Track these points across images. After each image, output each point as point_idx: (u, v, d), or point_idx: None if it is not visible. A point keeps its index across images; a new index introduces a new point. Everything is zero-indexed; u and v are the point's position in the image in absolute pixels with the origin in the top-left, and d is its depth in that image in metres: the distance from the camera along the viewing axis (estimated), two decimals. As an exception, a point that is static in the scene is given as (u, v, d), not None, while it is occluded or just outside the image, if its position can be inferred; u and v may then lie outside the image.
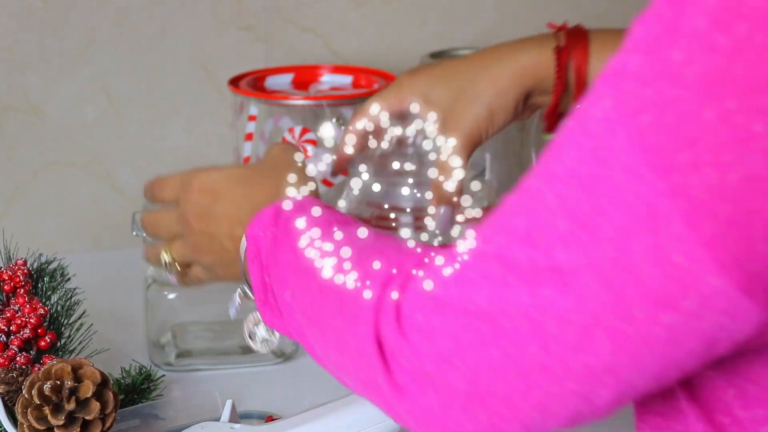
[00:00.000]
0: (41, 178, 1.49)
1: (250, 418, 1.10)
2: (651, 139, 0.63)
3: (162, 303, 1.23)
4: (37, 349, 1.08)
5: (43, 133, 1.48)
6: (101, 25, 1.47)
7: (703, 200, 0.62)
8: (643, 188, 0.63)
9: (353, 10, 1.54)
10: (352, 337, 0.79)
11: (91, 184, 1.50)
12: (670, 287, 0.64)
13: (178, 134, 1.52)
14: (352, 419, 1.00)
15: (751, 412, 0.73)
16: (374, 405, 0.82)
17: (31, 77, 1.46)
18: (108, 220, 1.51)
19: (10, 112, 1.47)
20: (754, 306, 0.64)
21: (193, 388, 1.16)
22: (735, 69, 0.60)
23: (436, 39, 1.57)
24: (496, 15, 1.59)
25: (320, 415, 1.00)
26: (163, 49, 1.49)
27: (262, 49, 1.52)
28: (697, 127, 0.61)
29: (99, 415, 0.97)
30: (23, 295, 1.12)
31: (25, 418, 0.96)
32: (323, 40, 1.54)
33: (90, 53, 1.47)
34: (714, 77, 0.61)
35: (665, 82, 0.62)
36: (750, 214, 0.62)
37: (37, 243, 1.42)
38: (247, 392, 1.16)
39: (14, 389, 1.01)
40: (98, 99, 1.49)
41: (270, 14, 1.52)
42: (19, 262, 1.20)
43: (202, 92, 1.51)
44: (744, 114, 0.60)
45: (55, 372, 0.97)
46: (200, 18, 1.50)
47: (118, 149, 1.51)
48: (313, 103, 1.36)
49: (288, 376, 1.22)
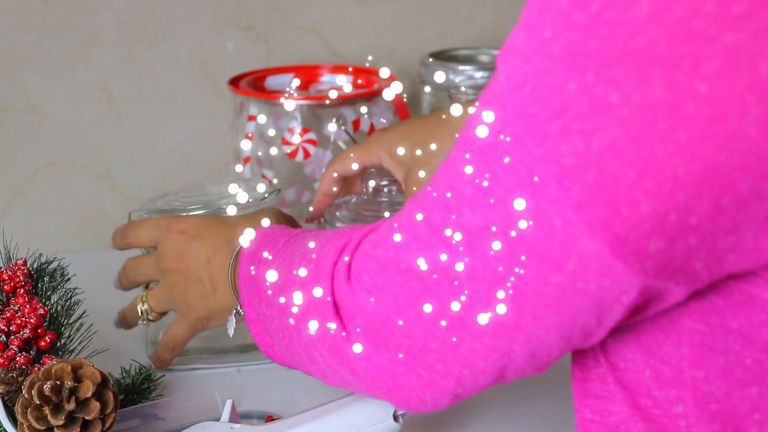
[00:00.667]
0: (41, 178, 1.49)
1: (250, 418, 1.10)
2: (529, 110, 0.68)
3: None
4: (37, 349, 1.08)
5: (42, 133, 1.48)
6: (101, 25, 1.47)
7: (571, 166, 0.67)
8: (524, 155, 0.69)
9: (353, 10, 1.54)
10: (309, 297, 0.86)
11: (90, 184, 1.50)
12: (554, 249, 0.70)
13: (178, 134, 1.52)
14: (352, 419, 1.00)
15: (665, 393, 0.77)
16: (348, 381, 0.88)
17: (31, 77, 1.46)
18: (108, 220, 1.51)
19: (10, 112, 1.47)
20: (629, 269, 0.69)
21: (193, 388, 1.16)
22: (591, 43, 0.66)
23: (436, 39, 1.57)
24: (496, 15, 1.59)
25: (320, 415, 1.00)
26: (163, 49, 1.49)
27: (262, 49, 1.52)
28: (564, 98, 0.67)
29: (99, 415, 0.97)
30: (23, 295, 1.12)
31: (25, 418, 0.96)
32: (323, 40, 1.54)
33: (90, 53, 1.47)
34: (575, 51, 0.66)
35: (539, 57, 0.68)
36: (612, 178, 0.67)
37: (37, 243, 1.42)
38: (247, 392, 1.16)
39: (14, 389, 1.01)
40: (98, 99, 1.49)
41: (270, 14, 1.52)
42: (19, 262, 1.20)
43: (202, 92, 1.51)
44: (602, 86, 0.66)
45: (55, 372, 0.97)
46: (200, 18, 1.50)
47: (118, 149, 1.51)
48: (313, 103, 1.36)
49: (288, 376, 1.22)
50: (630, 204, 0.67)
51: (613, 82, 0.65)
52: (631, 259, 0.68)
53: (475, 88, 1.35)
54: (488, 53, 1.52)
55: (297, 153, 1.35)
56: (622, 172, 0.66)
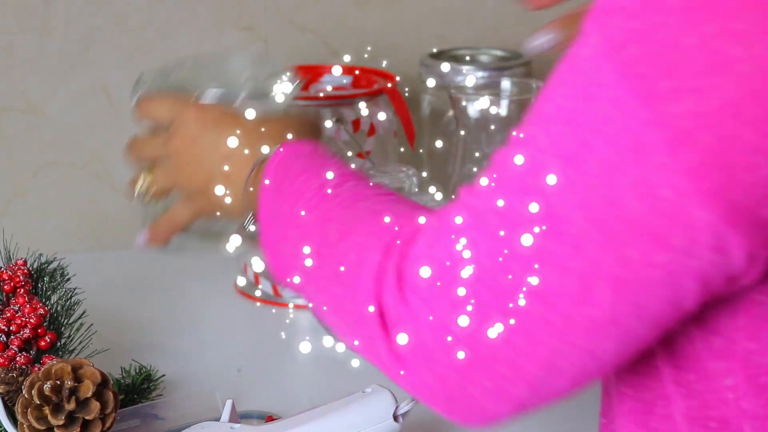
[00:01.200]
0: (41, 178, 1.49)
1: (250, 418, 1.10)
2: (635, 69, 0.63)
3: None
4: (37, 349, 1.08)
5: (42, 133, 1.48)
6: (101, 25, 1.47)
7: (683, 128, 0.62)
8: (627, 118, 0.64)
9: (353, 10, 1.54)
10: (350, 302, 0.78)
11: (91, 184, 1.50)
12: (659, 223, 0.64)
13: (178, 134, 1.52)
14: (353, 419, 1.00)
15: (716, 364, 0.72)
16: (376, 367, 0.79)
17: (31, 77, 1.46)
18: (108, 220, 1.51)
19: (10, 112, 1.47)
20: (740, 238, 0.64)
21: (193, 388, 1.16)
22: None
23: (436, 39, 1.57)
24: (496, 15, 1.58)
25: (320, 415, 1.00)
26: (163, 49, 1.49)
27: (262, 49, 1.52)
28: (678, 54, 0.62)
29: (99, 415, 0.97)
30: (23, 295, 1.12)
31: (25, 418, 0.96)
32: (323, 40, 1.54)
33: (90, 53, 1.47)
34: (694, 3, 0.62)
35: (651, 12, 0.63)
36: (729, 140, 0.62)
37: (37, 243, 1.41)
38: (247, 392, 1.16)
39: (14, 389, 1.01)
40: (98, 99, 1.49)
41: (270, 14, 1.52)
42: (19, 262, 1.20)
43: (202, 92, 1.51)
44: (721, 39, 0.61)
45: (56, 372, 0.97)
46: (200, 18, 1.50)
47: (118, 149, 1.50)
48: (314, 103, 1.36)
49: (288, 376, 1.22)
50: (749, 168, 0.62)
51: (734, 34, 0.61)
52: (745, 228, 0.64)
53: (475, 88, 1.35)
54: (488, 53, 1.52)
55: (297, 153, 1.35)
56: (742, 133, 0.62)
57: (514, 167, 0.68)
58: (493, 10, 1.58)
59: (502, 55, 1.51)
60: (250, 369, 1.22)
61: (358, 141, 1.36)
